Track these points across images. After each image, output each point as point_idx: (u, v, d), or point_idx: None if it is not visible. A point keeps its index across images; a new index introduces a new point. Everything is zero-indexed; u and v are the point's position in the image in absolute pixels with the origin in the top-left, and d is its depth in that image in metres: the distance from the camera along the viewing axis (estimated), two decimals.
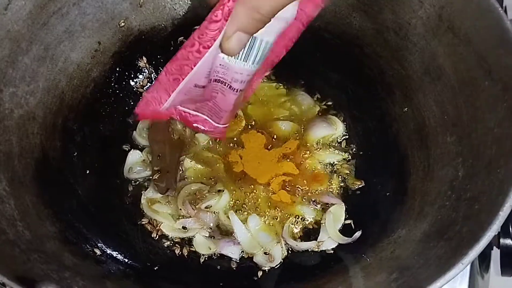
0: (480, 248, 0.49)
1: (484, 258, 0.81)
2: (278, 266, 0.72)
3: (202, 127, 0.67)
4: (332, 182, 0.79)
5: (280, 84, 0.87)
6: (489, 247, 0.76)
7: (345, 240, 0.72)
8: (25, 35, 0.69)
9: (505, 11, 0.76)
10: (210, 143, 0.81)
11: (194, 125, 0.67)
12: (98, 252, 0.67)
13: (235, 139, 0.82)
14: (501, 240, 0.71)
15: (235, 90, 0.60)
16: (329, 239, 0.73)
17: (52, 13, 0.72)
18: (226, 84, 0.59)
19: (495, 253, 0.74)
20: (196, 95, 0.61)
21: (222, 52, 0.55)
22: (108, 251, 0.68)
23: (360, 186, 0.79)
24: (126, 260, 0.69)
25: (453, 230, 0.56)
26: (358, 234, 0.71)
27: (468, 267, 0.73)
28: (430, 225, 0.61)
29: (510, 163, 0.54)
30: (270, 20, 0.51)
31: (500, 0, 0.86)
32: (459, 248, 0.50)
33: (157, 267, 0.70)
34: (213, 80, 0.59)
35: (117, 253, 0.69)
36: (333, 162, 0.80)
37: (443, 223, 0.59)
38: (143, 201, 0.77)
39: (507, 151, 0.56)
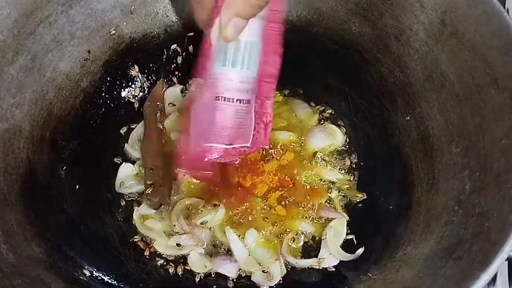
0: (493, 271, 0.46)
1: None
2: (277, 285, 0.69)
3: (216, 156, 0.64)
4: (332, 195, 0.76)
5: (277, 92, 0.84)
6: None
7: (347, 256, 0.69)
8: (10, 45, 0.67)
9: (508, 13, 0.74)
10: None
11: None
12: (87, 273, 0.64)
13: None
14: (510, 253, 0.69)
15: (230, 101, 0.58)
16: (331, 256, 0.70)
17: (39, 22, 0.70)
18: (220, 98, 0.57)
19: (503, 265, 0.71)
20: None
21: (220, 40, 0.55)
22: (97, 274, 0.65)
23: (362, 198, 0.76)
24: (116, 283, 0.66)
25: (462, 248, 0.53)
26: (361, 250, 0.68)
27: None
28: (437, 242, 0.58)
29: None
30: (265, 5, 0.53)
31: (502, 2, 0.84)
32: (470, 270, 0.47)
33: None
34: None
35: (107, 274, 0.66)
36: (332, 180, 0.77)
37: (451, 241, 0.56)
38: (135, 217, 0.74)
39: None
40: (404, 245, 0.63)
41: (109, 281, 0.65)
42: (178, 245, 0.72)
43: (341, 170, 0.78)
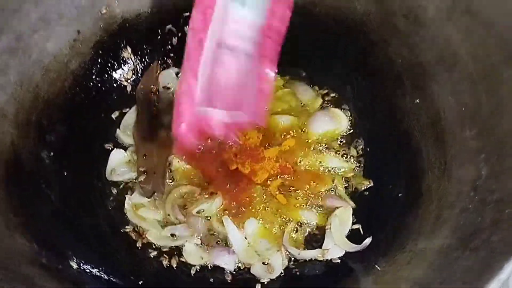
0: None
1: None
2: (278, 277, 0.65)
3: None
4: (336, 182, 0.71)
5: (278, 76, 0.80)
6: None
7: (353, 247, 0.65)
8: None
9: None
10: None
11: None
12: (74, 265, 0.60)
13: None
14: None
15: (234, 50, 0.54)
16: (335, 247, 0.66)
17: None
18: (224, 45, 0.53)
19: None
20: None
21: None
22: (85, 266, 0.61)
23: (369, 186, 0.72)
24: (106, 276, 0.62)
25: (480, 238, 0.49)
26: (368, 240, 0.64)
27: None
28: (452, 232, 0.55)
29: None
30: None
31: None
32: (491, 261, 0.43)
33: (142, 281, 0.63)
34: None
35: (96, 266, 0.62)
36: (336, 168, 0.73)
37: (467, 230, 0.52)
38: (127, 206, 0.70)
39: None
40: (414, 235, 0.59)
41: (98, 273, 0.62)
42: (172, 235, 0.68)
43: (346, 158, 0.74)
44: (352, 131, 0.77)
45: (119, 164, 0.74)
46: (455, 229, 0.54)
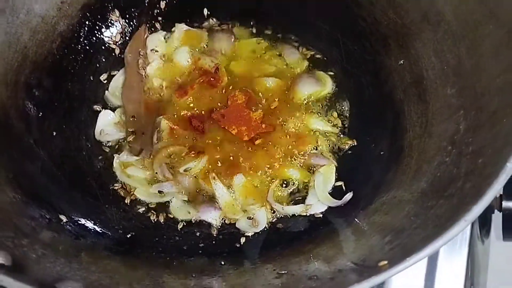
0: (486, 203, 0.43)
1: (485, 223, 0.78)
2: (262, 231, 0.67)
3: None
4: (320, 142, 0.73)
5: (261, 39, 0.81)
6: (490, 211, 0.72)
7: (335, 202, 0.66)
8: None
9: None
10: (191, 103, 0.75)
11: None
12: (64, 219, 0.61)
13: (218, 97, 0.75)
14: (504, 203, 0.67)
15: None
16: (318, 203, 0.67)
17: None
18: None
19: (496, 217, 0.70)
20: None
21: None
22: (75, 218, 0.63)
23: (352, 145, 0.73)
24: (96, 228, 0.64)
25: (454, 186, 0.51)
26: (349, 195, 0.66)
27: (468, 232, 0.69)
28: (428, 183, 0.56)
29: None
30: None
31: None
32: (462, 205, 0.45)
33: (130, 235, 0.65)
34: None
35: (85, 220, 0.64)
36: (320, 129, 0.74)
37: (443, 181, 0.54)
38: (115, 164, 0.71)
39: None
40: (394, 189, 0.60)
41: (87, 225, 0.63)
42: (160, 192, 0.69)
43: (330, 122, 0.75)
44: (337, 92, 0.77)
45: (108, 124, 0.74)
46: (432, 181, 0.56)
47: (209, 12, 0.83)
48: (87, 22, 0.77)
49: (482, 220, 0.76)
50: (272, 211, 0.68)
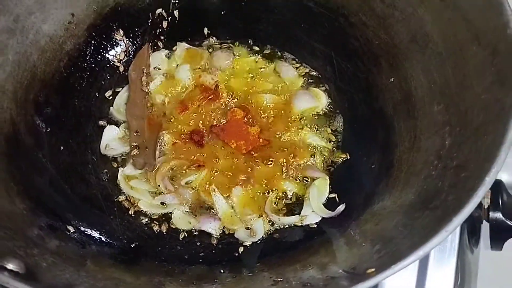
0: (465, 214, 0.46)
1: (473, 233, 0.80)
2: (260, 241, 0.70)
3: None
4: (314, 156, 0.76)
5: (259, 57, 0.85)
6: (479, 221, 0.74)
7: (328, 213, 0.70)
8: None
9: None
10: (192, 119, 0.78)
11: None
12: (71, 229, 0.64)
13: (218, 113, 0.79)
14: (491, 214, 0.70)
15: None
16: (313, 214, 0.71)
17: None
18: None
19: (485, 227, 0.72)
20: None
21: None
22: (82, 228, 0.66)
23: (345, 159, 0.76)
24: (102, 238, 0.67)
25: (439, 199, 0.54)
26: (341, 207, 0.69)
27: (457, 241, 0.72)
28: (416, 195, 0.59)
29: (498, 128, 0.52)
30: None
31: None
32: (445, 216, 0.48)
33: (134, 245, 0.68)
34: None
35: (91, 230, 0.67)
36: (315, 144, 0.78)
37: (429, 193, 0.57)
38: (120, 177, 0.74)
39: (495, 116, 0.54)
40: (384, 200, 0.63)
41: (93, 235, 0.66)
42: (162, 204, 0.72)
43: (324, 137, 0.78)
44: (331, 108, 0.81)
45: (113, 139, 0.78)
46: (419, 193, 0.58)
47: (209, 31, 0.86)
48: (93, 42, 0.80)
49: (471, 230, 0.79)
50: (269, 222, 0.71)
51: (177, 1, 0.83)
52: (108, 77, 0.82)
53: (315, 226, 0.70)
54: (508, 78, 0.54)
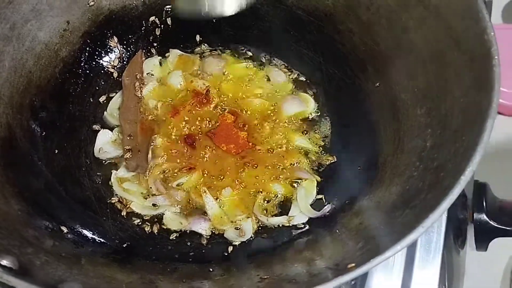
0: (441, 211, 0.48)
1: (459, 234, 0.82)
2: (248, 240, 0.72)
3: None
4: (302, 158, 0.78)
5: (249, 62, 0.87)
6: (464, 223, 0.76)
7: (315, 213, 0.72)
8: None
9: None
10: (183, 123, 0.80)
11: None
12: (65, 230, 0.66)
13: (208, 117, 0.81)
14: (475, 215, 0.71)
15: None
16: (300, 214, 0.73)
17: None
18: None
19: (471, 229, 0.74)
20: None
21: None
22: (76, 229, 0.68)
23: (332, 161, 0.78)
24: (95, 238, 0.69)
25: (419, 198, 0.56)
26: (328, 207, 0.71)
27: (442, 242, 0.74)
28: (399, 195, 0.61)
29: (474, 130, 0.54)
30: None
31: None
32: (422, 214, 0.50)
33: (126, 244, 0.70)
34: None
35: (85, 231, 0.69)
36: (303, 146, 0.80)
37: (410, 193, 0.59)
38: (113, 179, 0.76)
39: (472, 119, 0.56)
40: (368, 201, 0.65)
41: (86, 235, 0.68)
42: (154, 205, 0.74)
43: (312, 140, 0.80)
44: (319, 113, 0.83)
45: (106, 143, 0.79)
46: (402, 193, 0.61)
47: (201, 38, 0.88)
48: (87, 48, 0.82)
49: (456, 231, 0.81)
50: (257, 222, 0.73)
51: (170, 9, 0.85)
52: (102, 83, 0.84)
53: (302, 226, 0.72)
54: (484, 83, 0.56)
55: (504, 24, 1.08)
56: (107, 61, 0.85)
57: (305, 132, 0.81)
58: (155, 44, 0.87)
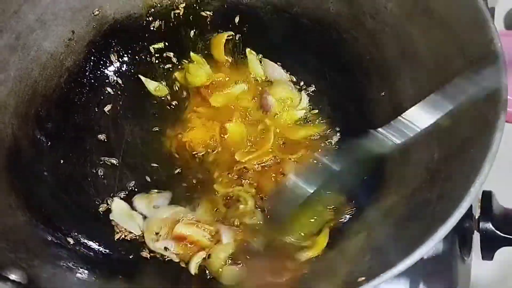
0: (451, 224, 0.48)
1: (465, 243, 0.81)
2: None
3: None
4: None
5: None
6: (470, 232, 0.76)
7: None
8: None
9: None
10: None
11: None
12: (71, 241, 0.66)
13: None
14: (481, 224, 0.71)
15: None
16: None
17: (23, 1, 0.71)
18: None
19: (477, 238, 0.74)
20: None
21: None
22: (82, 240, 0.68)
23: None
24: (101, 249, 0.69)
25: (427, 210, 0.56)
26: None
27: (448, 251, 0.73)
28: (406, 207, 0.61)
29: (482, 142, 0.54)
30: None
31: None
32: (431, 226, 0.50)
33: (132, 255, 0.70)
34: None
35: (90, 242, 0.68)
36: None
37: (418, 205, 0.59)
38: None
39: (480, 130, 0.56)
40: (375, 213, 0.65)
41: (93, 247, 0.68)
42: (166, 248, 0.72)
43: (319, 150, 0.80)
44: (329, 124, 0.82)
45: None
46: (409, 205, 0.60)
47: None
48: (92, 58, 0.82)
49: (462, 240, 0.81)
50: None
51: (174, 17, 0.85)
52: (107, 92, 0.84)
53: None
54: (491, 94, 0.56)
55: (507, 30, 1.08)
56: (112, 70, 0.85)
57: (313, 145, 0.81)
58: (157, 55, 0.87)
